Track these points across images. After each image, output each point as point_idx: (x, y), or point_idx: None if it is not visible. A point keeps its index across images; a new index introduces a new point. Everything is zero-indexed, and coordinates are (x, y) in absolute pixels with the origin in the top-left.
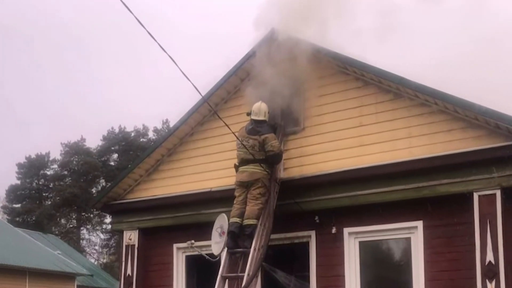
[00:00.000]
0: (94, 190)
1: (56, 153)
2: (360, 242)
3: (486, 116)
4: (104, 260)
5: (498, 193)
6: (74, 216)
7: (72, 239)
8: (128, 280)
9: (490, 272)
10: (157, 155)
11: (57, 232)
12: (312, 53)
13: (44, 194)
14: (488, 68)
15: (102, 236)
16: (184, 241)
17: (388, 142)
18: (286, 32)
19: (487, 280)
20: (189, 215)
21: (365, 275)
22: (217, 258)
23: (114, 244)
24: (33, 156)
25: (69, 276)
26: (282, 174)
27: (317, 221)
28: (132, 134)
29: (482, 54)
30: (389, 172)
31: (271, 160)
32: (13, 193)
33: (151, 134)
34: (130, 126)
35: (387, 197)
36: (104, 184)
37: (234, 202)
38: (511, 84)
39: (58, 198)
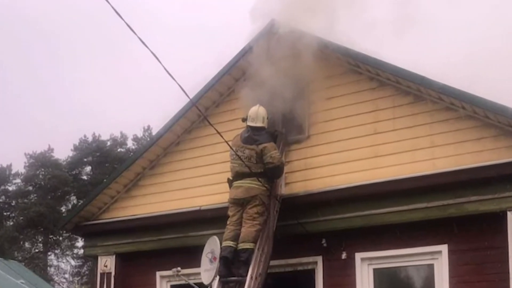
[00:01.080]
0: (63, 209)
1: (19, 166)
2: (375, 270)
3: None
4: None
5: None
6: (40, 239)
7: (38, 266)
8: None
9: None
10: (138, 168)
11: (20, 258)
12: (318, 48)
13: (5, 214)
14: None
15: (73, 262)
16: (169, 269)
17: (407, 152)
18: (288, 24)
19: None
20: (174, 238)
21: None
22: None
23: (87, 272)
24: None
25: None
26: (284, 190)
27: (325, 245)
28: (108, 143)
29: None
30: (408, 188)
31: (271, 173)
32: None
33: (130, 143)
34: (106, 133)
35: (406, 217)
36: (75, 201)
37: (228, 222)
38: None
39: (22, 218)
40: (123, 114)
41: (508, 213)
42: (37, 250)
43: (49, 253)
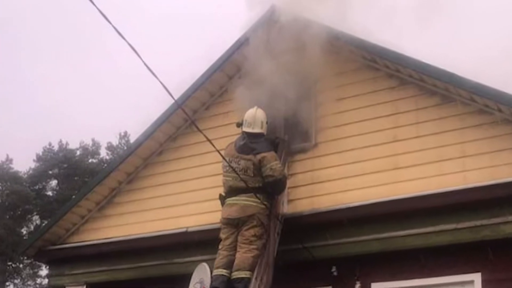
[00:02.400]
0: (24, 231)
1: None
2: None
3: None
4: None
5: None
6: None
7: None
8: None
9: None
10: (113, 182)
11: None
12: (327, 40)
13: None
14: None
15: None
16: None
17: (433, 164)
18: (291, 12)
19: None
20: (156, 265)
21: None
22: None
23: None
24: None
25: None
26: (286, 208)
27: (335, 273)
28: (78, 153)
29: None
30: (434, 206)
31: (271, 188)
32: None
33: (103, 153)
34: (75, 141)
35: (432, 241)
36: (38, 222)
37: (220, 247)
38: None
39: None
40: (95, 118)
41: None
42: None
43: (7, 283)
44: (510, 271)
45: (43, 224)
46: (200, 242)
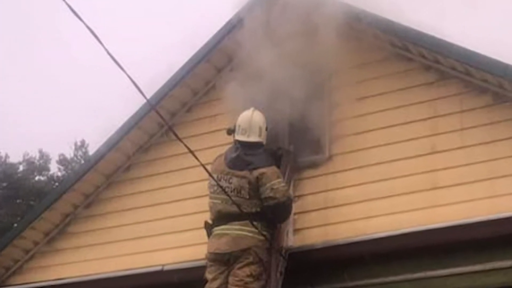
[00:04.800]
0: None
1: None
2: None
3: None
4: None
5: None
6: None
7: None
8: None
9: None
10: (66, 206)
11: None
12: (345, 21)
13: None
14: None
15: None
16: None
17: (483, 182)
18: None
19: None
20: None
21: None
22: None
23: None
24: None
25: None
26: (292, 240)
27: None
28: (21, 168)
29: None
30: (483, 238)
31: (272, 214)
32: None
33: (54, 168)
34: (17, 153)
35: (481, 282)
36: None
37: None
38: None
39: None
40: (43, 123)
41: None
42: None
43: None
44: None
45: None
46: (180, 284)
